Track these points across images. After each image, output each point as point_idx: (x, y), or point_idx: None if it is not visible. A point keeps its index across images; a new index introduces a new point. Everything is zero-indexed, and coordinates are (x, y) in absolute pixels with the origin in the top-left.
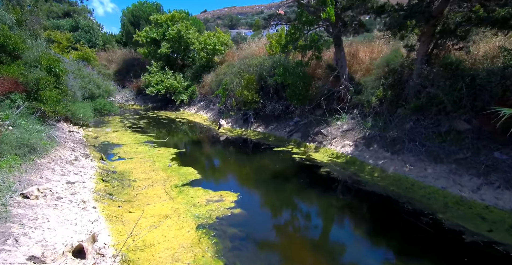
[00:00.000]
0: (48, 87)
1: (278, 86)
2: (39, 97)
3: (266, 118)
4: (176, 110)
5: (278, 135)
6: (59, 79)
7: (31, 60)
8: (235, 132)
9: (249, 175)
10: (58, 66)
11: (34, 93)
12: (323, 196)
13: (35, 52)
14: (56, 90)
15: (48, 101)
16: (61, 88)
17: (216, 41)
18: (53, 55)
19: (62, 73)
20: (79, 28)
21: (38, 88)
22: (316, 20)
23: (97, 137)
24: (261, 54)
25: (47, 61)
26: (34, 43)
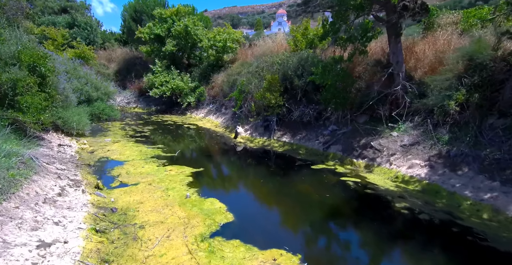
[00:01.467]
0: (30, 91)
1: (308, 87)
2: (17, 105)
3: (292, 126)
4: (182, 114)
5: (310, 146)
6: (46, 80)
7: (7, 56)
8: (255, 142)
9: (296, 214)
10: (45, 65)
11: (9, 99)
12: (425, 258)
13: (13, 45)
14: (40, 95)
15: (29, 109)
16: (48, 92)
17: (227, 38)
18: (38, 50)
19: (49, 73)
20: (76, 25)
21: (15, 92)
22: (368, 4)
23: (93, 150)
24: (280, 51)
25: (30, 58)
26: (12, 34)
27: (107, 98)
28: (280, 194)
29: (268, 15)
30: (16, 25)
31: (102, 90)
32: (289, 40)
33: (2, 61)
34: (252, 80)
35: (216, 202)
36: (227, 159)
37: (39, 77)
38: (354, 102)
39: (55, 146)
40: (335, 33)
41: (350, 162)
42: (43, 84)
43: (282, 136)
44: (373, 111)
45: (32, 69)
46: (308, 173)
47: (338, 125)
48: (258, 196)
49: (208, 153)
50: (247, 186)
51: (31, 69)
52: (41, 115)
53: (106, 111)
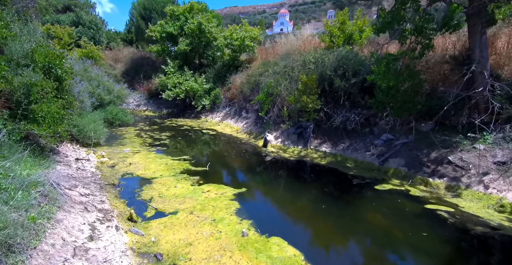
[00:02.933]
0: (46, 97)
1: (352, 89)
2: (31, 115)
3: (331, 133)
4: (196, 118)
5: (360, 158)
6: (63, 84)
7: (19, 55)
8: (289, 152)
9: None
10: (61, 66)
11: (23, 108)
12: None
13: (25, 43)
14: (58, 101)
15: (45, 120)
16: (65, 98)
17: (245, 36)
18: (54, 48)
19: (66, 76)
20: (81, 23)
21: (30, 100)
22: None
23: (114, 164)
24: (307, 48)
25: (45, 58)
26: (24, 29)
27: (119, 101)
28: (355, 231)
29: (270, 15)
30: (27, 18)
31: (115, 93)
32: (323, 36)
33: (14, 62)
34: (280, 82)
35: (284, 245)
36: (266, 175)
37: (55, 80)
38: (420, 108)
39: (72, 160)
40: (399, 23)
41: (423, 182)
42: (60, 89)
43: (320, 145)
44: (443, 118)
45: (47, 71)
46: (374, 196)
47: (394, 134)
48: (329, 234)
49: (240, 165)
50: (309, 217)
51: (46, 71)
52: (58, 127)
53: (119, 116)
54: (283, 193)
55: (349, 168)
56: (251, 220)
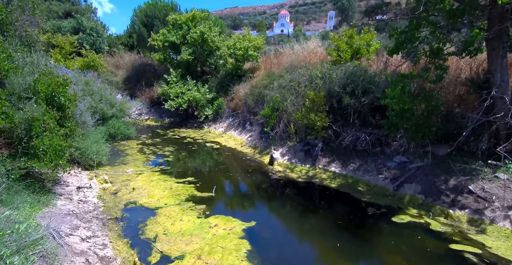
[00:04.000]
0: (48, 130)
1: (362, 108)
2: (32, 150)
3: (340, 152)
4: (199, 128)
5: (372, 182)
6: (65, 112)
7: (21, 88)
8: (297, 171)
9: None
10: (64, 93)
11: (24, 144)
12: None
13: (28, 75)
14: (59, 131)
15: (46, 153)
16: (68, 126)
17: (248, 46)
18: (57, 75)
19: (70, 103)
20: (82, 30)
21: (31, 135)
22: (470, 9)
23: (117, 191)
24: (313, 60)
25: (48, 87)
26: (27, 58)
27: (122, 114)
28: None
29: (270, 16)
30: (29, 44)
31: (117, 107)
32: (329, 49)
33: (15, 96)
34: (286, 97)
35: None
36: (275, 202)
37: (58, 109)
38: (437, 132)
39: (73, 191)
40: (413, 45)
41: (443, 213)
42: (63, 117)
43: (329, 164)
44: (460, 142)
45: (50, 99)
46: (392, 230)
47: (408, 157)
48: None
49: (248, 189)
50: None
51: (49, 100)
52: (60, 160)
53: (121, 129)
54: (295, 227)
55: (361, 192)
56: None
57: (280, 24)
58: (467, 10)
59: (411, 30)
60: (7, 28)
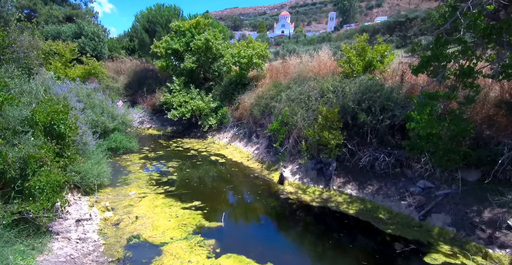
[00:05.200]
0: (45, 164)
1: (380, 126)
2: (27, 190)
3: (355, 172)
4: (203, 138)
5: (395, 209)
6: (65, 140)
7: (17, 122)
8: (309, 192)
9: None
10: (65, 121)
11: (17, 185)
12: None
13: (25, 108)
14: (58, 163)
15: (42, 192)
16: (68, 156)
17: (252, 54)
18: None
19: (70, 132)
20: (83, 35)
21: (26, 173)
22: (507, 29)
23: (119, 221)
24: (322, 71)
25: (46, 117)
26: (25, 85)
27: (124, 127)
28: None
29: (270, 17)
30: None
31: (119, 119)
32: (341, 61)
33: (10, 131)
34: (296, 110)
35: None
36: (290, 233)
37: (57, 138)
38: (466, 156)
39: (72, 225)
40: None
41: (479, 251)
42: (64, 146)
43: (344, 185)
44: (493, 168)
45: (49, 128)
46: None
47: (433, 181)
48: None
49: (258, 216)
50: None
51: (47, 129)
52: (58, 197)
53: (123, 143)
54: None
55: (383, 221)
56: None
57: (280, 25)
58: (505, 29)
59: (438, 47)
60: (4, 52)
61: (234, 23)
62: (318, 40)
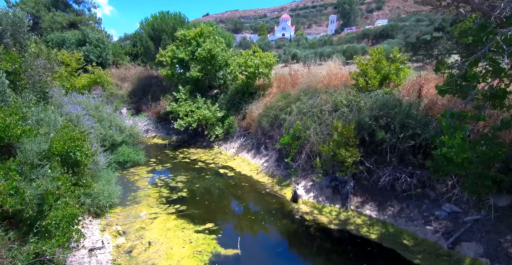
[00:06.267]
0: (62, 196)
1: (400, 144)
2: (44, 227)
3: (373, 191)
4: (209, 148)
5: (420, 235)
6: (80, 168)
7: (35, 156)
8: (325, 212)
9: None
10: (81, 148)
11: (33, 223)
12: None
13: (43, 140)
14: (74, 190)
15: (59, 226)
16: (83, 184)
17: (259, 63)
18: (74, 128)
19: (85, 158)
20: (88, 42)
21: (42, 210)
22: None
23: (131, 248)
24: (332, 83)
25: (63, 145)
26: (42, 113)
27: (132, 140)
28: None
29: (271, 19)
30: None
31: (127, 132)
32: (354, 74)
33: (28, 166)
34: (308, 124)
35: None
36: (310, 261)
37: (73, 165)
38: (498, 181)
39: (85, 257)
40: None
41: None
42: (77, 173)
43: (362, 205)
44: None
45: (65, 157)
46: None
47: (460, 206)
48: None
49: (274, 240)
50: None
51: (63, 157)
52: (74, 231)
53: (131, 156)
54: None
55: (409, 249)
56: None
57: (281, 28)
58: None
59: (467, 67)
60: (20, 78)
61: (234, 25)
62: (319, 43)
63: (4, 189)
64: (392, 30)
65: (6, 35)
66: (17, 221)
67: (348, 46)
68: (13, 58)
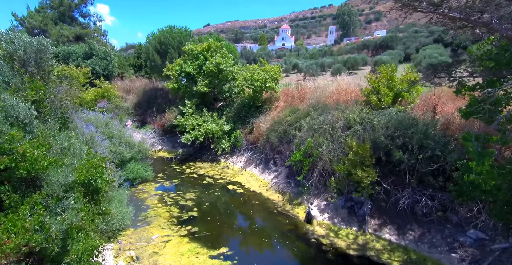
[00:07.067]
0: (84, 228)
1: (420, 165)
2: (66, 264)
3: (392, 213)
4: (215, 161)
5: (445, 263)
6: (101, 195)
7: (60, 185)
8: (342, 235)
9: None
10: (102, 175)
11: (55, 256)
12: None
13: (70, 171)
14: (94, 219)
15: (80, 260)
16: (102, 212)
17: (266, 77)
18: (94, 154)
19: (106, 185)
20: (94, 55)
21: (66, 245)
22: None
23: None
24: (342, 98)
25: (85, 174)
26: (66, 142)
27: (140, 156)
28: None
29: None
30: (63, 116)
31: (136, 148)
32: (364, 91)
33: (53, 199)
34: (320, 141)
35: None
36: None
37: (93, 193)
38: None
39: None
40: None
41: None
42: (96, 200)
43: (381, 228)
44: None
45: (86, 185)
46: None
47: (487, 232)
48: None
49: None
50: None
51: (85, 185)
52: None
53: (139, 173)
54: None
55: None
56: None
57: (281, 38)
58: None
59: (495, 92)
60: (44, 105)
61: (235, 35)
62: (319, 54)
63: (30, 225)
64: (392, 41)
65: (31, 64)
66: (40, 257)
67: (349, 57)
68: (38, 86)
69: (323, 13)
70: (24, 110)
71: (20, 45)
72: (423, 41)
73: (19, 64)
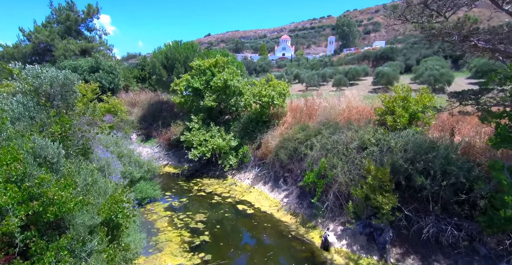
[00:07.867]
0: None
1: (443, 192)
2: None
3: (415, 242)
4: (222, 177)
5: None
6: (121, 230)
7: (84, 227)
8: (362, 264)
9: None
10: (123, 210)
11: None
12: None
13: (96, 211)
14: (114, 257)
15: None
16: (122, 248)
17: (274, 94)
18: (115, 187)
19: (127, 221)
20: (100, 68)
21: None
22: None
23: None
24: (353, 116)
25: (108, 211)
26: (91, 178)
27: (149, 175)
28: None
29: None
30: (85, 148)
31: (145, 168)
32: (378, 110)
33: (79, 243)
34: (335, 163)
35: None
36: None
37: (113, 229)
38: None
39: None
40: None
41: None
42: (116, 236)
43: (403, 258)
44: None
45: (107, 221)
46: None
47: None
48: None
49: None
50: None
51: (106, 222)
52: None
53: (149, 192)
54: None
55: None
56: None
57: (281, 48)
58: None
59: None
60: (68, 139)
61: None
62: (320, 64)
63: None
64: (392, 53)
65: (57, 98)
66: None
67: (350, 68)
68: (64, 121)
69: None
70: (52, 150)
71: (46, 79)
72: (423, 52)
73: (45, 98)
